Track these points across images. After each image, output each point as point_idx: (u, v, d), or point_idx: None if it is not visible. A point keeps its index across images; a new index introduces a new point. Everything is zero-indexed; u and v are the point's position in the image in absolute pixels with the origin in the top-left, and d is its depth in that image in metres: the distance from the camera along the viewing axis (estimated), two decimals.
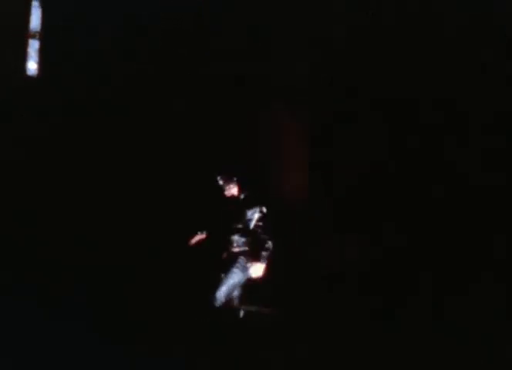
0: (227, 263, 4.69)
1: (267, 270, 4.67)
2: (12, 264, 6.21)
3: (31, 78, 7.66)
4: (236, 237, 4.70)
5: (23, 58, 7.68)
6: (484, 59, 6.38)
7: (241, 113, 7.22)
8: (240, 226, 4.70)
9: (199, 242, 5.01)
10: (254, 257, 4.59)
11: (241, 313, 4.89)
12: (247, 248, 4.68)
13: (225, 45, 7.43)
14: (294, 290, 6.29)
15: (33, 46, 7.86)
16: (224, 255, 4.77)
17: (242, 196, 4.81)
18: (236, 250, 4.70)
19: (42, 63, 7.72)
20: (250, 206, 4.70)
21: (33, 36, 7.90)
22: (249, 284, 4.80)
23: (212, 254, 4.88)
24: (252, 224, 4.66)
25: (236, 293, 4.78)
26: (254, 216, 4.66)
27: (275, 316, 5.73)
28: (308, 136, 7.24)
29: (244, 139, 7.16)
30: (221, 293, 4.53)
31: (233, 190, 4.77)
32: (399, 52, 6.87)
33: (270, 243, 4.59)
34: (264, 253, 4.56)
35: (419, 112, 6.76)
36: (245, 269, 4.65)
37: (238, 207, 4.74)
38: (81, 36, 7.65)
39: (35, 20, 8.01)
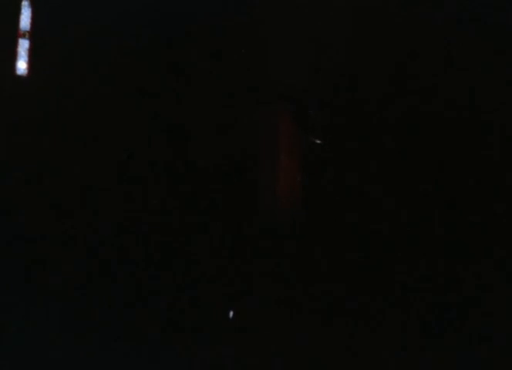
0: None
1: None
2: None
3: (20, 77, 7.52)
4: None
5: (13, 57, 7.54)
6: None
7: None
8: None
9: None
10: None
11: None
12: None
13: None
14: None
15: (23, 46, 7.73)
16: None
17: None
18: None
19: (31, 63, 7.58)
20: None
21: (23, 36, 7.77)
22: None
23: None
24: None
25: None
26: None
27: None
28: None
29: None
30: None
31: None
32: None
33: None
34: None
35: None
36: None
37: None
38: (74, 35, 7.53)
39: (25, 19, 7.89)
